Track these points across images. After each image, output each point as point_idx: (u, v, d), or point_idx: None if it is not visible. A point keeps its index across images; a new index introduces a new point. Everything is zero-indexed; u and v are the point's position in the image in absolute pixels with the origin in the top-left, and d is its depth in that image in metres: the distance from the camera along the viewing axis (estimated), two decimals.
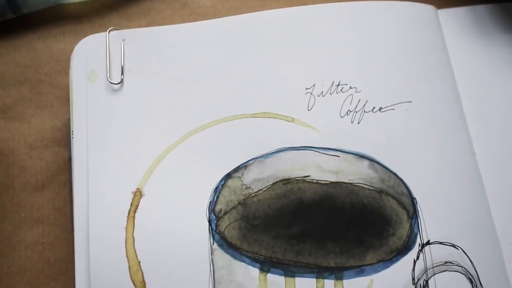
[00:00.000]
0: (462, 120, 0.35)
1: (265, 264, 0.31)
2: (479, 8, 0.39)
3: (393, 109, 0.35)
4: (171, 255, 0.31)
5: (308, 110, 0.35)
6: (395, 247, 0.32)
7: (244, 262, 0.31)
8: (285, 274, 0.31)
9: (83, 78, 0.35)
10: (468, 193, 0.33)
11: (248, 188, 0.33)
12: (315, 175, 0.33)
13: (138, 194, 0.33)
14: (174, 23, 0.38)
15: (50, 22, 0.40)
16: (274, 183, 0.33)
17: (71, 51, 0.36)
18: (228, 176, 0.33)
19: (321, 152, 0.34)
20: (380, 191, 0.33)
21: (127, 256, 0.31)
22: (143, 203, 0.32)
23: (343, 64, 0.36)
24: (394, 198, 0.33)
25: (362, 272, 0.31)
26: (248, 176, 0.33)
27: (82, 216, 0.32)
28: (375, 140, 0.34)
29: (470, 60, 0.38)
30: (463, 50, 0.38)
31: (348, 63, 0.36)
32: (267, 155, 0.34)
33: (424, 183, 0.33)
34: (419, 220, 0.32)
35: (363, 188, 0.33)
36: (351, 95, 0.35)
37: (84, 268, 0.31)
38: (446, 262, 0.31)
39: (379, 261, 0.31)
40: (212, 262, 0.31)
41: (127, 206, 0.32)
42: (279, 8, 0.38)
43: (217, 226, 0.32)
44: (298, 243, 0.32)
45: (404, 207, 0.33)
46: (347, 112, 0.35)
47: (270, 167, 0.33)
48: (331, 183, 0.33)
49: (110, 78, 0.35)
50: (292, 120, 0.34)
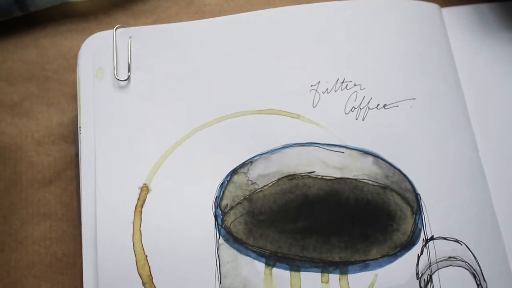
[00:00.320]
0: (465, 117, 0.35)
1: (270, 259, 0.31)
2: (483, 7, 0.39)
3: (397, 106, 0.35)
4: (177, 249, 0.32)
5: (313, 107, 0.35)
6: (399, 242, 0.32)
7: (249, 256, 0.32)
8: (290, 269, 0.31)
9: (91, 75, 0.36)
10: (472, 189, 0.33)
11: (253, 183, 0.33)
12: (320, 171, 0.33)
13: (145, 189, 0.33)
14: (180, 21, 0.39)
15: (57, 20, 0.40)
16: (279, 179, 0.33)
17: (78, 48, 0.37)
18: (234, 171, 0.34)
19: (326, 148, 0.34)
20: (384, 187, 0.33)
21: (134, 250, 0.32)
22: (150, 198, 0.33)
23: (348, 61, 0.36)
24: (398, 194, 0.33)
25: (366, 267, 0.31)
26: (254, 172, 0.33)
27: (90, 211, 0.33)
28: (379, 136, 0.34)
29: (474, 58, 0.38)
30: (467, 48, 0.38)
31: (352, 60, 0.36)
32: (272, 151, 0.34)
33: (428, 179, 0.33)
34: (423, 215, 0.33)
35: (368, 184, 0.33)
36: (356, 92, 0.35)
37: (91, 262, 0.32)
38: (450, 257, 0.32)
39: (383, 256, 0.31)
40: (218, 256, 0.32)
41: (134, 201, 0.33)
42: (283, 6, 0.38)
43: (223, 221, 0.32)
44: (303, 238, 0.32)
45: (408, 203, 0.33)
46: (351, 109, 0.35)
47: (276, 163, 0.34)
48: (336, 179, 0.33)
49: (117, 75, 0.36)
50: (297, 116, 0.35)
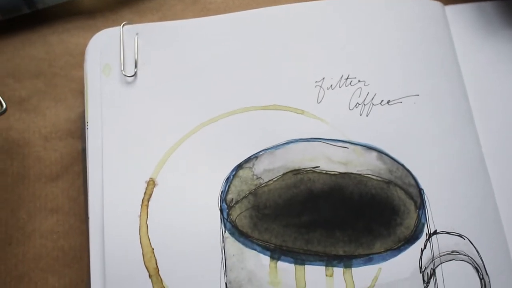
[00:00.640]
0: (468, 114, 0.36)
1: (275, 252, 0.32)
2: (486, 5, 0.40)
3: (401, 102, 0.35)
4: (183, 243, 0.32)
5: (318, 103, 0.35)
6: (403, 236, 0.32)
7: (255, 250, 0.32)
8: (295, 262, 0.31)
9: (98, 71, 0.36)
10: (474, 184, 0.34)
11: (259, 178, 0.33)
12: (325, 166, 0.34)
13: (152, 184, 0.33)
14: (186, 18, 0.39)
15: (64, 17, 0.40)
16: (284, 174, 0.33)
17: (85, 45, 0.37)
18: (239, 166, 0.34)
19: (330, 144, 0.34)
20: (388, 182, 0.33)
21: (141, 243, 0.32)
22: (156, 192, 0.33)
23: (352, 58, 0.36)
24: (402, 188, 0.33)
25: (370, 261, 0.32)
26: (259, 167, 0.34)
27: (97, 205, 0.33)
28: (383, 132, 0.34)
29: (477, 55, 0.38)
30: (470, 45, 0.38)
31: (356, 57, 0.36)
32: (277, 146, 0.34)
33: (431, 174, 0.34)
34: (426, 210, 0.33)
35: (372, 178, 0.33)
36: (360, 88, 0.36)
37: (98, 255, 0.32)
38: (453, 252, 0.32)
39: (387, 250, 0.32)
40: (223, 250, 0.32)
41: (141, 195, 0.33)
42: (288, 3, 0.38)
43: (228, 215, 0.33)
44: (308, 232, 0.32)
45: (411, 198, 0.33)
46: (355, 105, 0.35)
47: (280, 158, 0.34)
48: (340, 173, 0.34)
49: (124, 71, 0.36)
50: (302, 112, 0.35)
